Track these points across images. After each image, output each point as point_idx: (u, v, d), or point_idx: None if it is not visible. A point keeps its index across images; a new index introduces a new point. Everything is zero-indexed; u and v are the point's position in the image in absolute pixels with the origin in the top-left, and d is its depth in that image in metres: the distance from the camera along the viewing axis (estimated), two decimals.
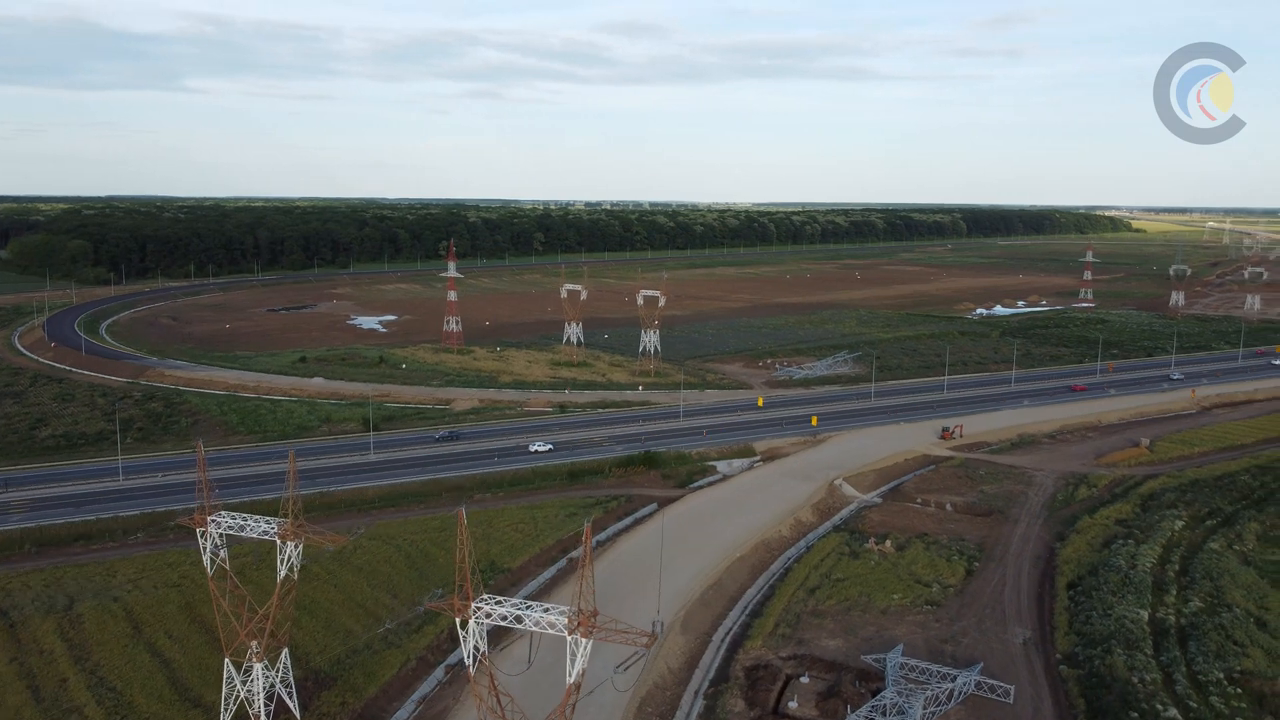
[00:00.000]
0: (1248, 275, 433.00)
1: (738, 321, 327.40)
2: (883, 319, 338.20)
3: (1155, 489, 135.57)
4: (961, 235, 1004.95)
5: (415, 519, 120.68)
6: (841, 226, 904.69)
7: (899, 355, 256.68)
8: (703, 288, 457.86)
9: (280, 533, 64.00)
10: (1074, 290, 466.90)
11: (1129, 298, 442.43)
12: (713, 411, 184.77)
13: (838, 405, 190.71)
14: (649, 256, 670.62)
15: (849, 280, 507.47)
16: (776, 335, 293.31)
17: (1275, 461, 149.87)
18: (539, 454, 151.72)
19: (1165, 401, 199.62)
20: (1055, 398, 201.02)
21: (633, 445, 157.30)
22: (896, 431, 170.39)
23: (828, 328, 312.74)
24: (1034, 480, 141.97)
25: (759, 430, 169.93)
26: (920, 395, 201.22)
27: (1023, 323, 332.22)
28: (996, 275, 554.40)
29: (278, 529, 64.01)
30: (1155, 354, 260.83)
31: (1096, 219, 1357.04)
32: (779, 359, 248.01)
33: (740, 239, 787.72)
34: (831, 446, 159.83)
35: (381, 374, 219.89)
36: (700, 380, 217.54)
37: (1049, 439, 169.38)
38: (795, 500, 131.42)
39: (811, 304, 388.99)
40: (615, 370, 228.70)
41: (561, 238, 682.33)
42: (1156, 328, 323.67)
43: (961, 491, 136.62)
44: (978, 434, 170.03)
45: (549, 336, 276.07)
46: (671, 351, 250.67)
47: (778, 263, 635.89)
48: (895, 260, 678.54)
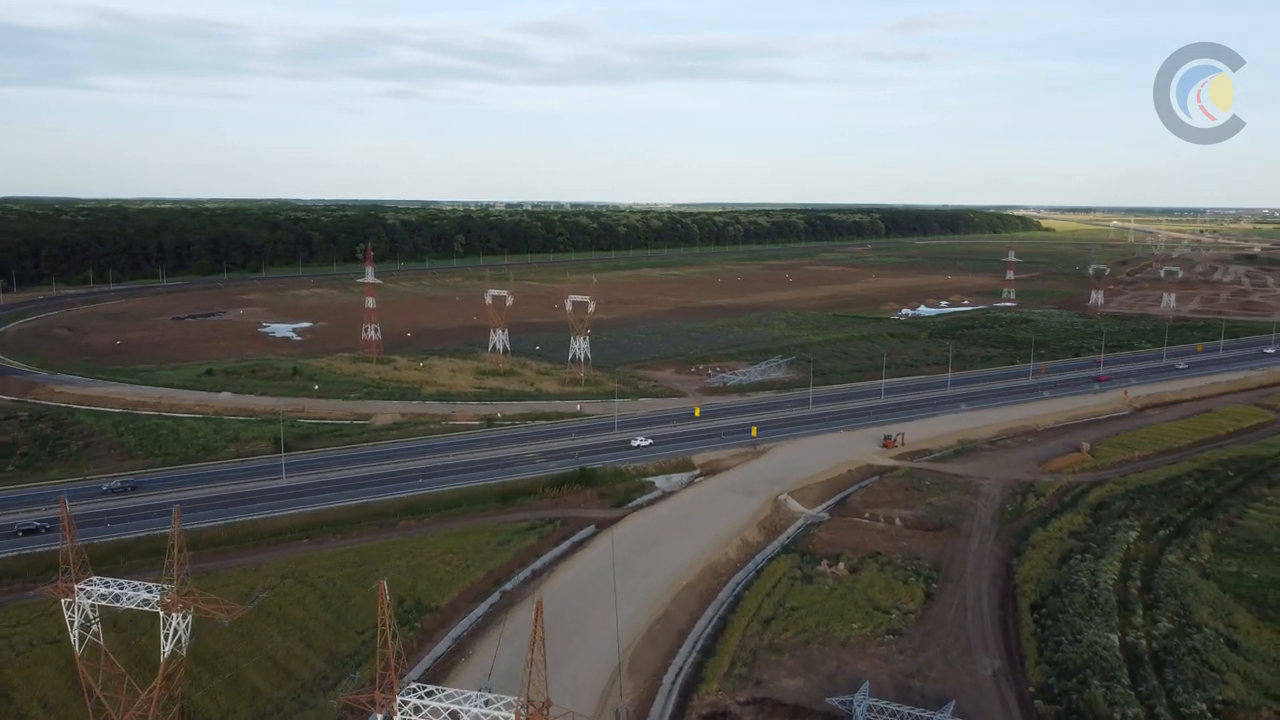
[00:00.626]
0: (1163, 274, 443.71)
1: (666, 325, 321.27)
2: (811, 321, 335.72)
3: (1104, 497, 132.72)
4: (880, 235, 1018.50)
5: (332, 551, 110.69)
6: (764, 227, 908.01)
7: (831, 359, 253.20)
8: (629, 290, 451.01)
9: (163, 602, 54.33)
10: (994, 290, 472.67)
11: (1048, 296, 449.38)
12: (648, 422, 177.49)
13: (775, 413, 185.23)
14: (573, 258, 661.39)
15: (775, 281, 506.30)
16: (707, 339, 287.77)
17: (1214, 465, 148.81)
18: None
19: (1099, 403, 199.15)
20: (991, 401, 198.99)
21: (566, 461, 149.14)
22: (837, 440, 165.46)
23: (757, 330, 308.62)
24: (981, 490, 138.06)
25: (697, 442, 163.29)
26: (858, 401, 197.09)
27: (949, 323, 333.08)
28: (918, 275, 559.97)
29: (160, 597, 54.27)
30: (1082, 354, 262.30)
31: (1008, 218, 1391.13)
32: (711, 364, 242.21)
33: (664, 240, 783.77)
34: (773, 458, 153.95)
35: (295, 387, 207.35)
36: (633, 388, 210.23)
37: (990, 445, 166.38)
38: (740, 518, 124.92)
39: (739, 306, 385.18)
40: (544, 379, 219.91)
41: (483, 240, 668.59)
42: (1079, 327, 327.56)
43: (910, 504, 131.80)
44: (919, 441, 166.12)
45: (473, 343, 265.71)
46: (602, 358, 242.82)
47: (702, 264, 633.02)
48: (818, 260, 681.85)
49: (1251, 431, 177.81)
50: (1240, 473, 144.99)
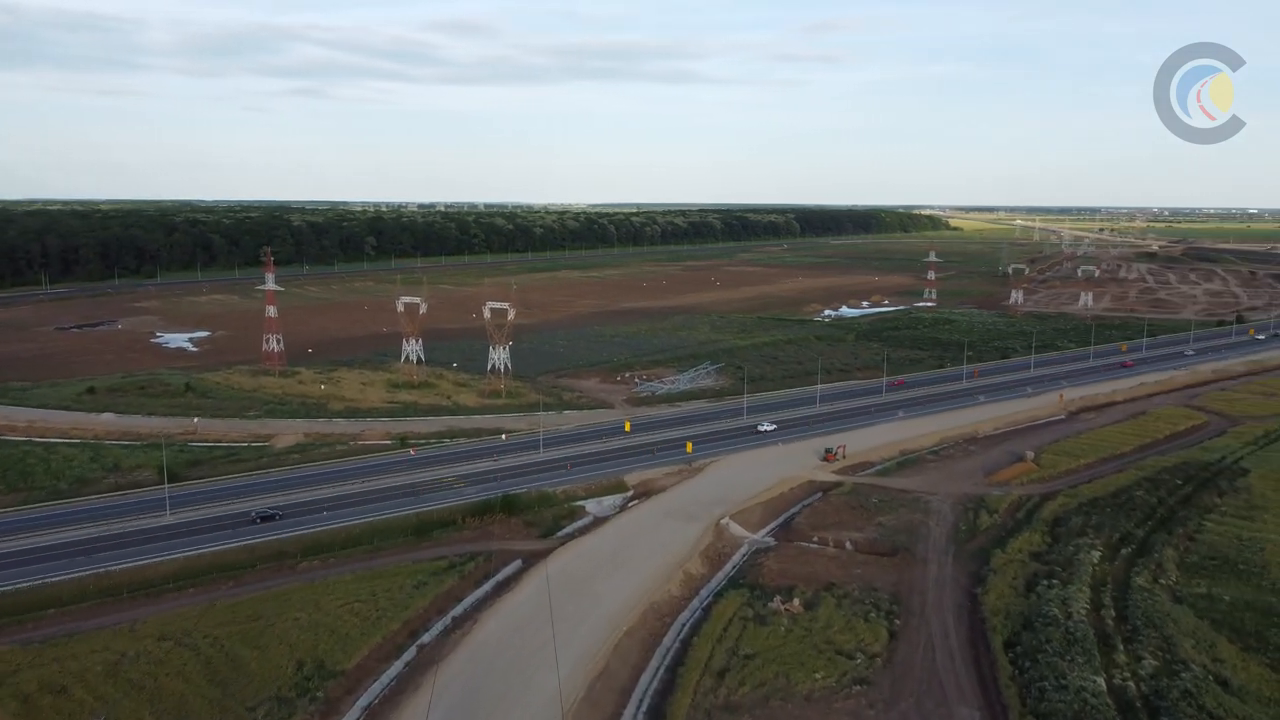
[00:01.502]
0: (1081, 273, 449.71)
1: (588, 330, 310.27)
2: (736, 324, 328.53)
3: (1058, 512, 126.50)
4: (796, 235, 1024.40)
5: (222, 604, 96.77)
6: (681, 227, 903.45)
7: (761, 364, 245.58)
8: (547, 293, 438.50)
9: None
10: (913, 289, 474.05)
11: (965, 296, 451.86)
12: (575, 439, 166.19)
13: (709, 425, 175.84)
14: (488, 260, 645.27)
15: (696, 282, 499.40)
16: (631, 344, 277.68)
17: (1161, 472, 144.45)
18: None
19: (1034, 407, 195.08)
20: (928, 407, 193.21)
21: (488, 486, 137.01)
22: (776, 454, 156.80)
23: (682, 335, 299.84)
24: (931, 507, 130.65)
25: (629, 459, 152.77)
26: (793, 410, 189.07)
27: (874, 324, 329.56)
28: (836, 275, 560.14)
29: None
30: (1010, 355, 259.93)
31: (917, 218, 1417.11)
32: (638, 372, 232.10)
33: (581, 241, 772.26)
34: (710, 476, 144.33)
35: (188, 405, 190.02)
36: (557, 400, 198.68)
37: (933, 455, 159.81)
38: (681, 547, 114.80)
39: (662, 308, 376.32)
40: (462, 391, 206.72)
41: (395, 241, 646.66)
42: (1001, 327, 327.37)
43: (859, 525, 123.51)
44: (860, 453, 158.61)
45: (384, 352, 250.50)
46: (522, 366, 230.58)
47: (621, 265, 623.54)
48: (736, 261, 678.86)
49: (1188, 434, 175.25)
50: (1188, 480, 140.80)
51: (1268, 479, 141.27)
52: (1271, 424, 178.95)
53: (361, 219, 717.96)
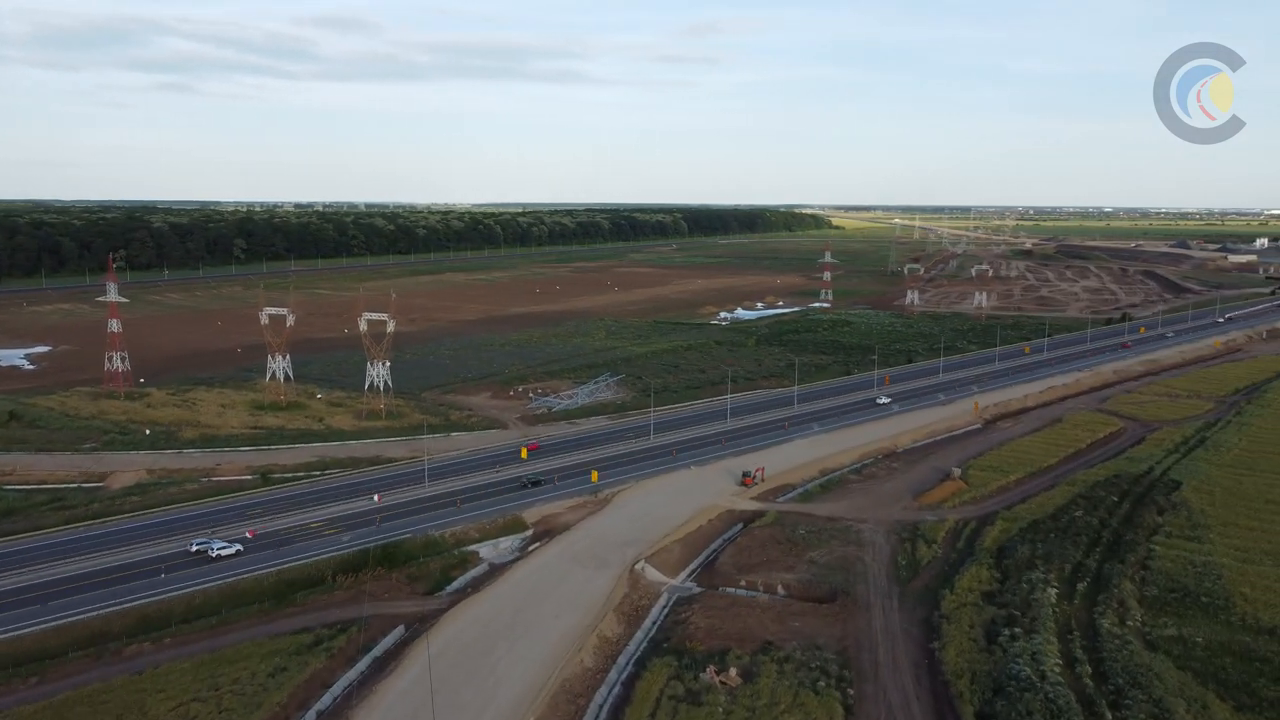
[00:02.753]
0: (975, 272, 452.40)
1: (476, 338, 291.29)
2: (632, 329, 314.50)
3: (1000, 539, 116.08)
4: (684, 235, 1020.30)
5: (18, 712, 76.44)
6: (569, 228, 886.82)
7: (662, 373, 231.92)
8: (431, 297, 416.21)
9: None
10: (805, 289, 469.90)
11: (857, 295, 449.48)
12: (465, 468, 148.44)
13: (614, 447, 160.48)
14: (368, 263, 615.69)
15: (587, 284, 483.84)
16: (523, 354, 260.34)
17: (1094, 489, 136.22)
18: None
19: (950, 416, 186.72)
20: (842, 419, 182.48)
21: (366, 530, 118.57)
22: (689, 479, 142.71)
23: (576, 342, 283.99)
24: (863, 538, 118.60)
25: (527, 491, 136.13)
26: (703, 426, 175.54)
27: (773, 328, 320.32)
28: (728, 275, 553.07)
29: None
30: (914, 359, 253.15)
31: (801, 217, 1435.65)
32: (532, 385, 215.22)
33: (466, 242, 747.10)
34: (619, 508, 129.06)
35: (10, 437, 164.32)
36: (444, 420, 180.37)
37: (855, 475, 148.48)
38: (592, 602, 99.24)
39: (553, 313, 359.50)
40: (336, 412, 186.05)
41: (267, 244, 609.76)
42: (899, 328, 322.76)
43: (789, 564, 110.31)
44: (778, 474, 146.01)
45: (250, 368, 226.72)
46: (405, 381, 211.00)
47: (509, 267, 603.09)
48: (626, 261, 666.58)
49: (1107, 442, 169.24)
50: (1123, 497, 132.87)
51: (1201, 492, 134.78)
52: (1186, 429, 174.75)
53: (230, 220, 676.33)
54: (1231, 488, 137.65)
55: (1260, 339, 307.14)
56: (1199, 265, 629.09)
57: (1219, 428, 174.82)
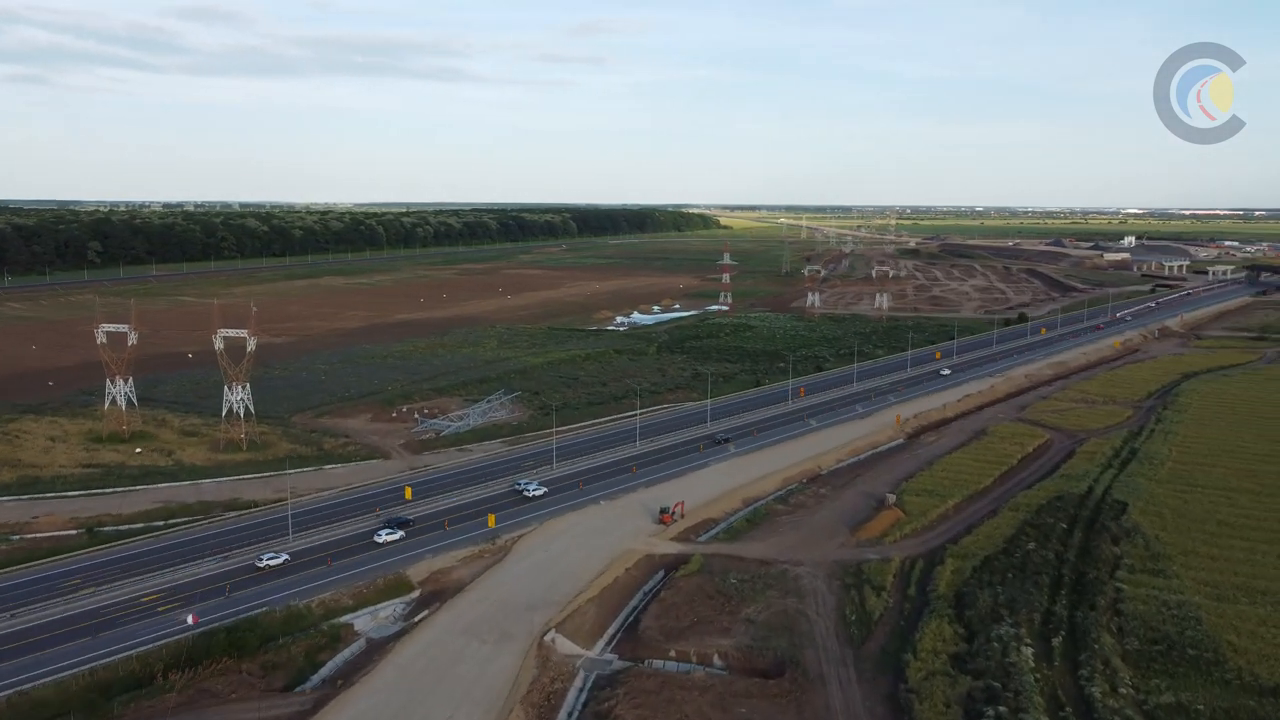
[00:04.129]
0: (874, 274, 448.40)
1: (356, 349, 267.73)
2: (526, 337, 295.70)
3: (955, 582, 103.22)
4: (573, 235, 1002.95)
5: None
6: (455, 228, 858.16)
7: (560, 387, 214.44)
8: (308, 304, 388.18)
9: None
10: (700, 291, 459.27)
11: (754, 297, 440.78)
12: (337, 513, 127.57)
13: (512, 480, 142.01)
14: (239, 266, 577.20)
15: (476, 288, 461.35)
16: (408, 368, 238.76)
17: (1040, 513, 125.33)
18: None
19: (872, 431, 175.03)
20: (760, 438, 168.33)
21: (212, 605, 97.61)
22: (599, 518, 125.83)
23: (466, 353, 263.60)
24: (802, 585, 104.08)
25: (411, 539, 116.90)
26: (610, 450, 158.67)
27: (674, 334, 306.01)
28: (620, 276, 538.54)
29: None
30: (824, 366, 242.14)
31: (690, 217, 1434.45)
32: (418, 404, 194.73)
33: (346, 243, 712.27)
34: (521, 559, 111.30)
35: None
36: (316, 450, 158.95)
37: (782, 505, 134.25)
38: (494, 690, 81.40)
39: (441, 320, 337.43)
40: (189, 444, 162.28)
41: (126, 247, 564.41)
42: (802, 332, 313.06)
43: (724, 624, 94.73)
44: (699, 507, 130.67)
45: (91, 391, 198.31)
46: (272, 403, 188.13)
47: (392, 269, 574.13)
48: (516, 263, 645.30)
49: (1037, 457, 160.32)
50: (1072, 523, 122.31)
51: (1150, 514, 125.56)
52: (1113, 439, 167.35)
53: (84, 221, 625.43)
54: (1178, 508, 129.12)
55: (1153, 338, 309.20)
56: (1077, 263, 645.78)
57: (1145, 437, 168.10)
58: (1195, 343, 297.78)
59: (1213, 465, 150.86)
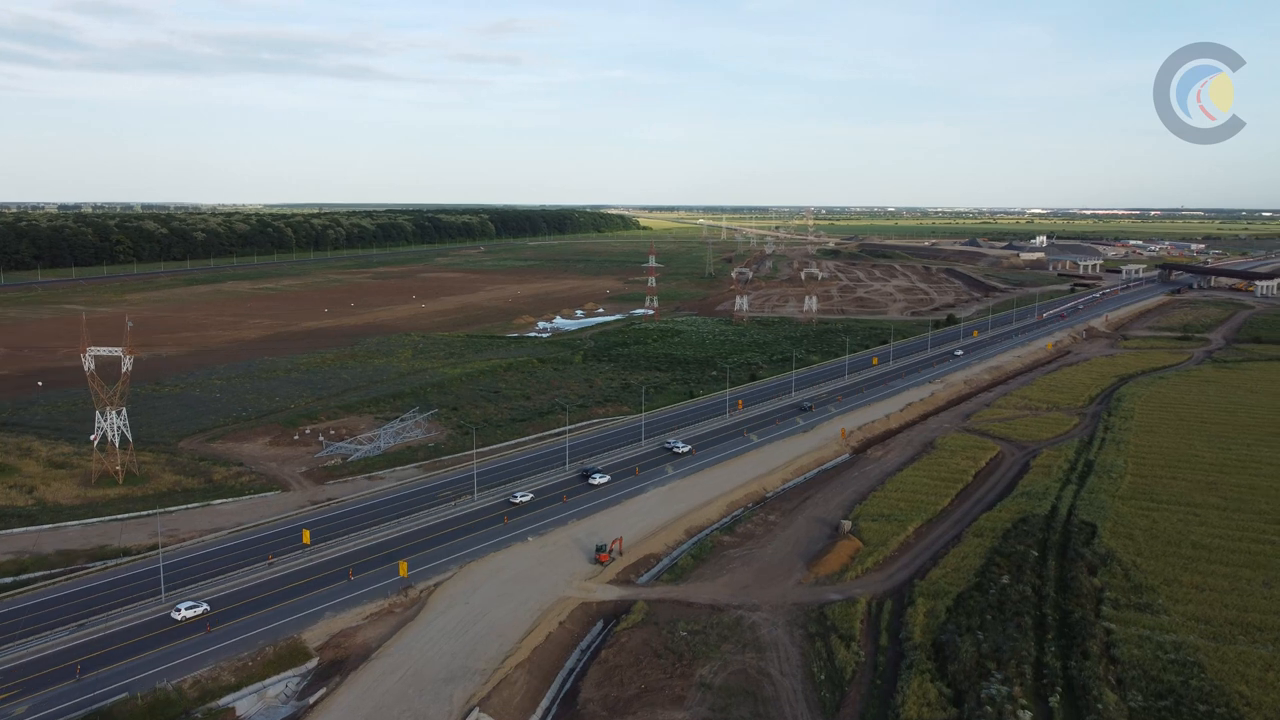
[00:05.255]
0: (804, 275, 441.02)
1: (257, 363, 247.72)
2: (443, 346, 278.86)
3: (930, 627, 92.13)
4: (491, 236, 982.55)
5: None
6: (368, 230, 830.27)
7: (481, 401, 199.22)
8: (206, 311, 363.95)
9: None
10: (624, 294, 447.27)
11: (679, 299, 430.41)
12: (222, 561, 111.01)
13: (427, 515, 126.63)
14: (135, 272, 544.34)
15: (389, 292, 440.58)
16: (314, 382, 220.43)
17: (1007, 539, 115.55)
18: None
19: (816, 446, 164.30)
20: (699, 456, 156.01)
21: (62, 689, 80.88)
22: (528, 558, 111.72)
23: (378, 364, 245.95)
24: (761, 636, 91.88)
25: (309, 593, 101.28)
26: (537, 476, 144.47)
27: (599, 341, 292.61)
28: (541, 279, 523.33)
29: None
30: (759, 374, 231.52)
31: (609, 218, 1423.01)
32: (324, 424, 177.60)
33: (253, 246, 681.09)
34: (438, 614, 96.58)
35: None
36: (204, 482, 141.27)
37: (730, 536, 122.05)
38: None
39: (351, 328, 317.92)
40: (56, 477, 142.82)
41: (9, 251, 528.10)
42: (731, 337, 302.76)
43: (675, 690, 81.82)
44: (639, 540, 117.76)
45: None
46: (157, 426, 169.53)
47: (301, 273, 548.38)
48: (431, 265, 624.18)
49: (991, 471, 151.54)
50: (1041, 549, 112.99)
51: (1121, 537, 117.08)
52: (1065, 450, 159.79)
53: None
54: (1148, 528, 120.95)
55: (1081, 339, 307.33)
56: (995, 263, 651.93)
57: (1097, 448, 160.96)
58: (1123, 343, 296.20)
59: (1172, 478, 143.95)
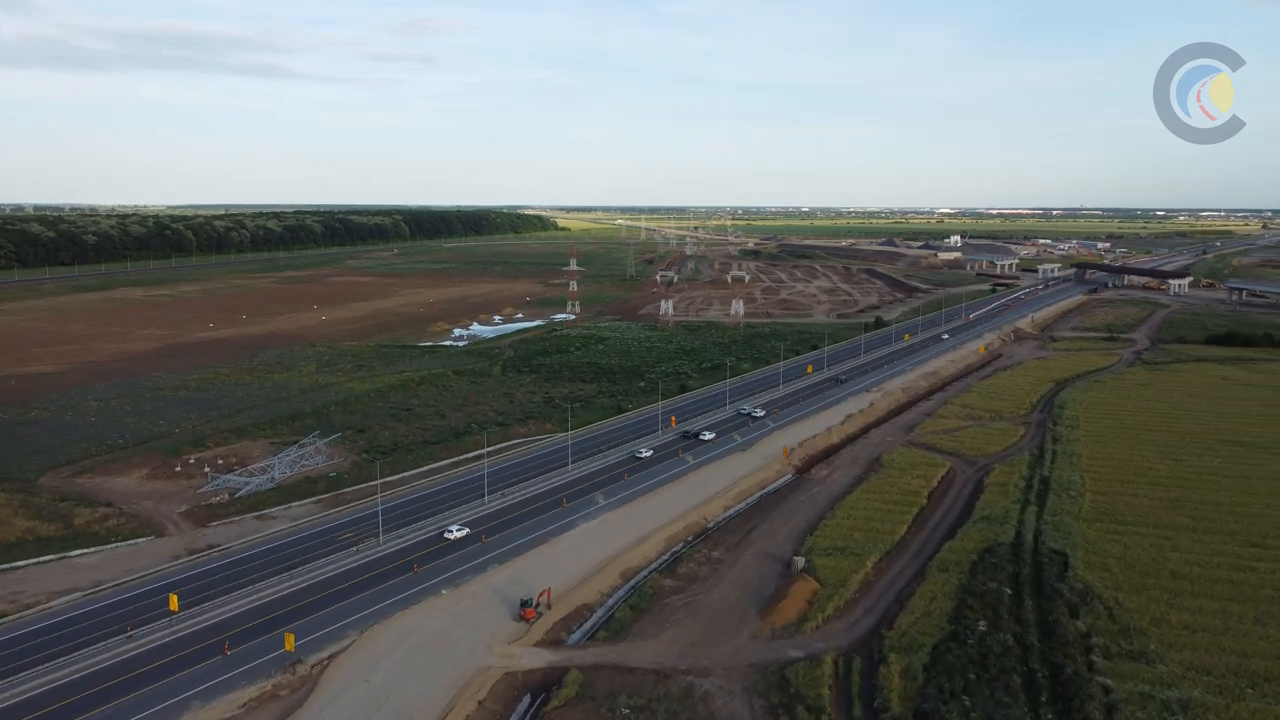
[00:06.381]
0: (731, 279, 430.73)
1: (145, 379, 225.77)
2: (351, 357, 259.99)
3: (908, 693, 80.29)
4: (405, 238, 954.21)
5: None
6: (275, 232, 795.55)
7: (391, 421, 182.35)
8: (94, 321, 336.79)
9: None
10: (543, 298, 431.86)
11: (600, 303, 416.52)
12: (69, 634, 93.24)
13: (324, 565, 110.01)
14: (16, 278, 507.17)
15: (295, 298, 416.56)
16: (205, 402, 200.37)
17: (977, 576, 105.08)
18: None
19: (758, 467, 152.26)
20: (629, 482, 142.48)
21: None
22: (441, 617, 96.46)
23: (278, 379, 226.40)
24: (716, 711, 78.77)
25: (174, 676, 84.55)
26: (453, 511, 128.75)
27: (519, 350, 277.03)
28: (457, 283, 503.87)
29: None
30: (689, 385, 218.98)
31: (527, 218, 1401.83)
32: (210, 452, 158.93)
33: (149, 250, 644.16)
34: (332, 701, 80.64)
35: None
36: (63, 526, 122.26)
37: (671, 579, 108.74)
38: None
39: (251, 338, 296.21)
40: None
41: None
42: (658, 344, 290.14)
43: None
44: (568, 588, 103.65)
45: None
46: (18, 458, 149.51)
47: (201, 279, 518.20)
48: (342, 269, 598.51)
49: (944, 491, 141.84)
50: (1014, 585, 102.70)
51: (1095, 568, 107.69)
52: (1018, 466, 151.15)
53: None
54: (1121, 556, 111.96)
55: (1010, 340, 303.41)
56: (913, 263, 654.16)
57: (1050, 462, 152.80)
58: (1052, 345, 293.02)
59: (1132, 495, 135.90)
